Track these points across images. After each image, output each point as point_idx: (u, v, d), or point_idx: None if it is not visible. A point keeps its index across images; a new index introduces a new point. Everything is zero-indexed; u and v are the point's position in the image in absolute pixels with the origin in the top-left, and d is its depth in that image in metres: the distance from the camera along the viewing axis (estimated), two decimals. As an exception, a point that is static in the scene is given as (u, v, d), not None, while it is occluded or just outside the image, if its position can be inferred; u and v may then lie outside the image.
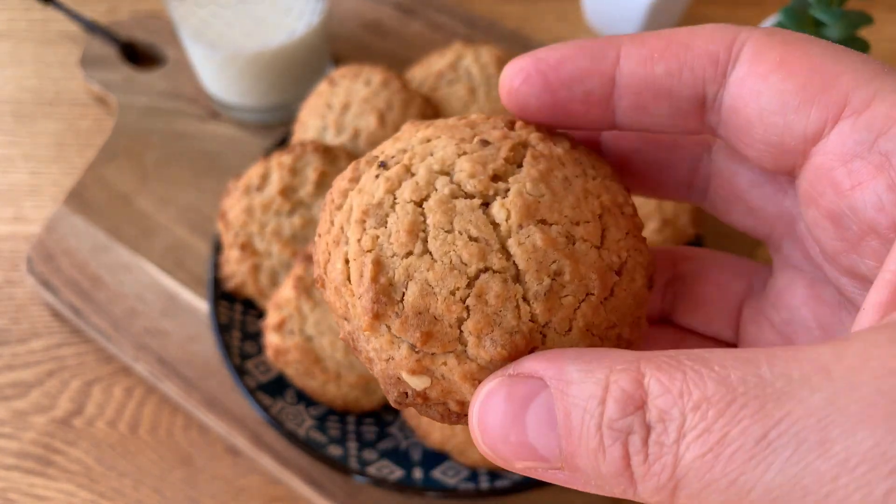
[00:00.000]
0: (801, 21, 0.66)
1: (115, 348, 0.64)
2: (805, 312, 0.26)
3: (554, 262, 0.23)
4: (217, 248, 0.63)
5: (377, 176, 0.25)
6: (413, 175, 0.24)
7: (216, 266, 0.62)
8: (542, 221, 0.23)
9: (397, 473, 0.55)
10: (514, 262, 0.23)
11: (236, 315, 0.61)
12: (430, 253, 0.23)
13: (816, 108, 0.21)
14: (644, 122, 0.26)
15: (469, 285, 0.23)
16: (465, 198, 0.24)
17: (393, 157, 0.25)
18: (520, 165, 0.25)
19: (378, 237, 0.24)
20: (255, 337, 0.60)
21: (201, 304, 0.66)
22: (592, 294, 0.23)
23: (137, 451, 0.61)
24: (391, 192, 0.24)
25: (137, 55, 0.86)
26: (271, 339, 0.56)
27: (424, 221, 0.23)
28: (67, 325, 0.68)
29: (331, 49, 0.81)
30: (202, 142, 0.78)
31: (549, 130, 0.27)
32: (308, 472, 0.58)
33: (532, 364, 0.21)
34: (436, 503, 0.56)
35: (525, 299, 0.23)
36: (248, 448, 0.59)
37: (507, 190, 0.24)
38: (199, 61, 0.75)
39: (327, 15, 0.75)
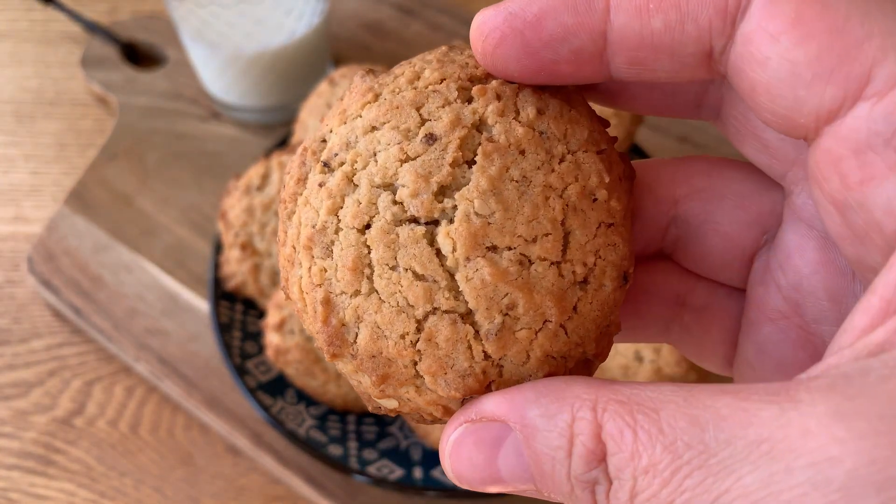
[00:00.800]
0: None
1: (115, 348, 0.64)
2: (815, 281, 0.24)
3: (506, 295, 0.22)
4: (217, 247, 0.63)
5: (321, 185, 0.23)
6: (356, 187, 0.23)
7: (217, 266, 0.62)
8: (492, 248, 0.22)
9: (397, 473, 0.55)
10: (463, 299, 0.22)
11: (237, 315, 0.62)
12: (378, 292, 0.22)
13: (833, 84, 0.18)
14: (645, 77, 0.23)
15: (418, 329, 0.22)
16: (409, 223, 0.22)
17: (337, 154, 0.24)
18: (471, 163, 0.22)
19: (326, 270, 0.23)
20: (256, 337, 0.61)
21: (202, 304, 0.66)
22: (550, 322, 0.22)
23: (138, 450, 0.61)
24: (334, 212, 0.23)
25: (138, 55, 0.86)
26: (272, 339, 0.56)
27: (369, 255, 0.22)
28: (68, 325, 0.68)
29: (331, 49, 0.81)
30: (203, 142, 0.78)
31: (518, 86, 0.24)
32: (308, 472, 0.58)
33: (493, 407, 0.21)
34: (436, 502, 0.56)
35: (477, 337, 0.22)
36: (248, 447, 0.60)
37: (455, 208, 0.22)
38: (199, 62, 0.75)
39: (328, 15, 0.75)
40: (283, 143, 0.70)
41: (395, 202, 0.22)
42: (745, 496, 0.16)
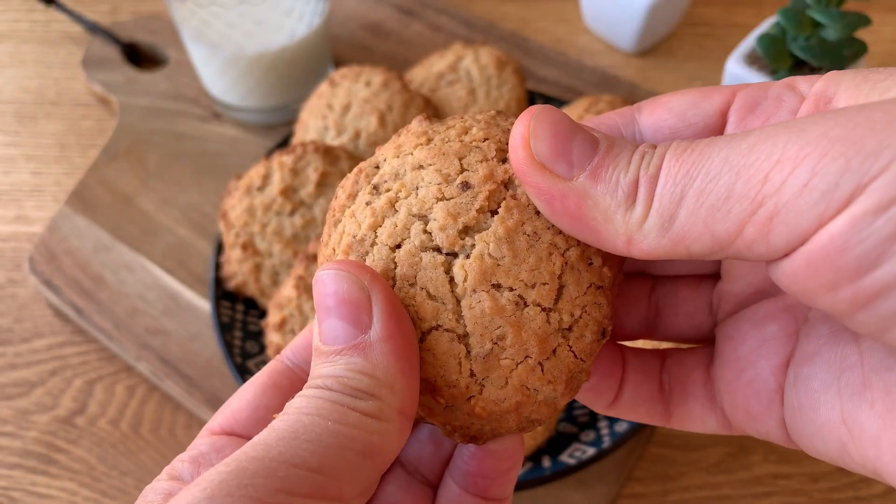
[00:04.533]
0: (800, 22, 0.66)
1: (117, 347, 0.65)
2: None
3: (498, 327, 0.25)
4: (218, 247, 0.63)
5: (368, 203, 0.27)
6: (396, 212, 0.27)
7: (217, 266, 0.63)
8: (496, 286, 0.25)
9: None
10: (463, 322, 0.25)
11: (237, 314, 0.62)
12: None
13: None
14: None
15: (422, 339, 0.26)
16: (433, 251, 0.26)
17: (386, 181, 0.27)
18: (494, 212, 0.26)
19: None
20: (257, 336, 0.61)
21: (203, 304, 0.66)
22: (530, 357, 0.25)
23: (139, 449, 0.61)
24: (374, 229, 0.27)
25: (139, 56, 0.86)
26: (272, 339, 0.56)
27: (394, 269, 0.26)
28: (70, 325, 0.68)
29: (332, 50, 0.82)
30: (203, 142, 0.78)
31: None
32: (309, 471, 0.58)
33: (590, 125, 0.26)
34: (436, 501, 0.56)
35: (468, 357, 0.26)
36: (249, 447, 0.60)
37: (473, 246, 0.26)
38: (200, 62, 0.75)
39: (328, 16, 0.75)
40: (284, 144, 0.70)
41: (424, 231, 0.26)
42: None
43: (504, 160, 0.27)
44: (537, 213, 0.26)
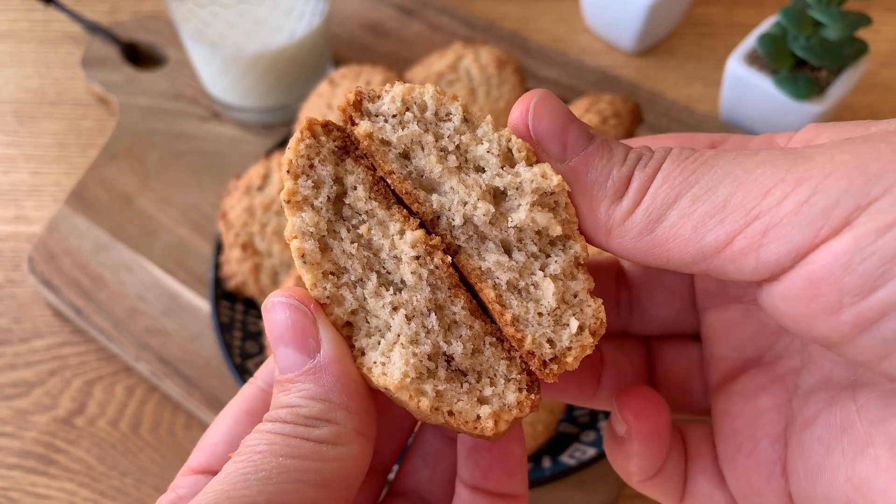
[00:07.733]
0: (800, 21, 0.66)
1: (116, 348, 0.64)
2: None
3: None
4: (218, 247, 0.63)
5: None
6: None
7: (217, 266, 0.62)
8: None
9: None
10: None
11: (237, 315, 0.62)
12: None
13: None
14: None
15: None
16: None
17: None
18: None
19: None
20: (256, 336, 0.61)
21: (202, 304, 0.66)
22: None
23: (138, 450, 0.61)
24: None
25: (138, 56, 0.86)
26: (272, 339, 0.56)
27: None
28: (69, 325, 0.68)
29: (331, 50, 0.81)
30: (203, 142, 0.78)
31: None
32: (309, 471, 0.58)
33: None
34: (436, 502, 0.56)
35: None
36: (248, 447, 0.59)
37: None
38: (200, 62, 0.75)
39: (328, 16, 0.75)
40: (284, 144, 0.70)
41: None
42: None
43: None
44: None
